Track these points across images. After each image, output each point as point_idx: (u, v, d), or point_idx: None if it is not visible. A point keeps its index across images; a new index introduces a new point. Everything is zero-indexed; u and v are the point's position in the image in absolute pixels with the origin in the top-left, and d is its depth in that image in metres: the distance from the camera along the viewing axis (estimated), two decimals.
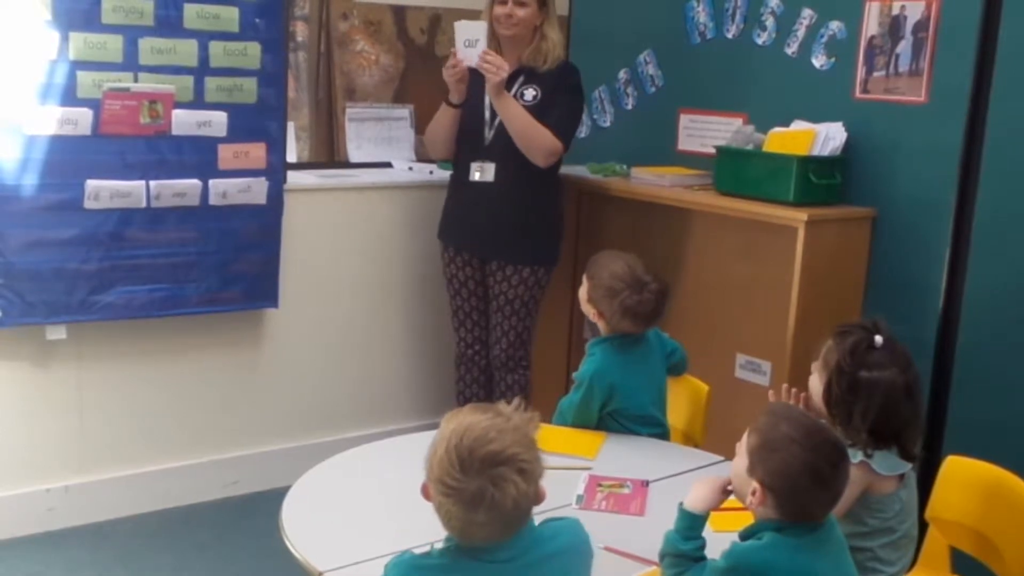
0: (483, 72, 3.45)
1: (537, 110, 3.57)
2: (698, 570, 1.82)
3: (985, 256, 3.13)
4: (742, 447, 1.85)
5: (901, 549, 2.14)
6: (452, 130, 3.75)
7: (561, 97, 3.61)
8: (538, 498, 1.71)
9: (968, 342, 3.18)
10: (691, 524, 1.89)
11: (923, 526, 2.33)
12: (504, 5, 3.59)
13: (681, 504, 1.91)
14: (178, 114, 3.50)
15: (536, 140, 3.55)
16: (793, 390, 2.42)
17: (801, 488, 1.75)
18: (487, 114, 3.65)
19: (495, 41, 3.66)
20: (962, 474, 2.38)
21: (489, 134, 3.66)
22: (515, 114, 3.53)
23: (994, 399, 3.12)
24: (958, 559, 2.40)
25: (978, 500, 2.33)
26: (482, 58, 3.44)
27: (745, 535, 1.80)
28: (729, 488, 1.89)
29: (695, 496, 1.91)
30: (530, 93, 3.62)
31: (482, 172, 3.68)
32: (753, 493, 1.78)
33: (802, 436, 1.77)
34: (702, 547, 1.87)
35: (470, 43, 3.48)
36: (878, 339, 2.16)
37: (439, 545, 1.74)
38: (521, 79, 3.64)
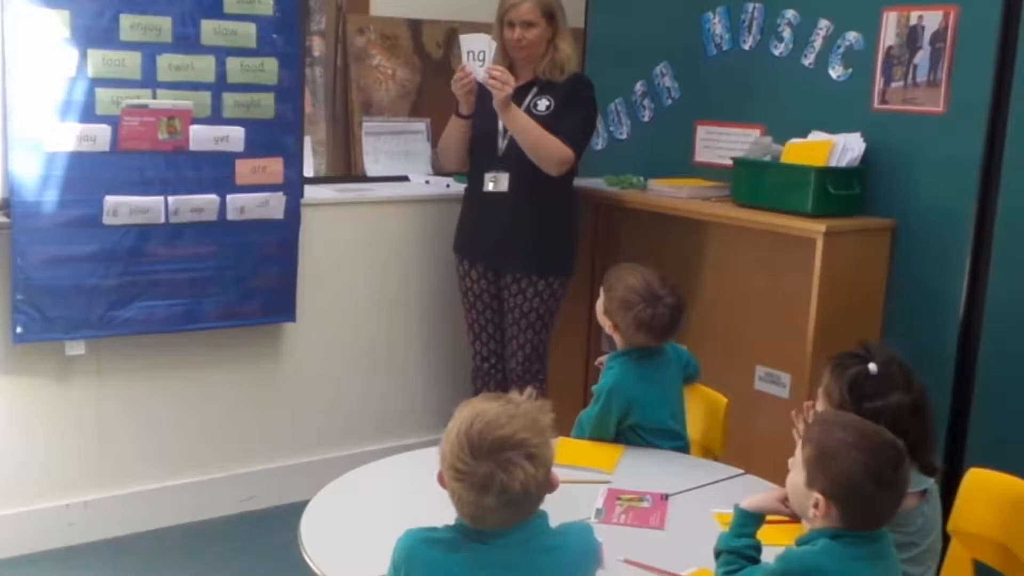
0: (489, 88, 3.46)
1: (550, 120, 3.57)
2: (751, 571, 1.82)
3: (1006, 266, 3.11)
4: (796, 462, 1.84)
5: (925, 563, 2.12)
6: (464, 141, 3.76)
7: (573, 107, 3.62)
8: (550, 485, 1.75)
9: (989, 353, 3.16)
10: (742, 522, 1.91)
11: (946, 539, 2.31)
12: (513, 29, 3.61)
13: (737, 504, 1.95)
14: (196, 130, 3.52)
15: (547, 150, 3.55)
16: (811, 403, 2.40)
17: (865, 494, 1.74)
18: (500, 124, 3.64)
19: (507, 58, 3.67)
20: (984, 487, 2.36)
21: (503, 144, 3.66)
22: (524, 126, 3.53)
23: (1016, 410, 3.09)
24: (981, 572, 2.38)
25: (1001, 513, 2.31)
26: (488, 73, 3.45)
27: (801, 541, 1.80)
28: (787, 503, 1.90)
29: (752, 497, 1.95)
30: (543, 103, 3.62)
31: (496, 182, 3.68)
32: (816, 506, 1.78)
33: (859, 440, 1.77)
34: (754, 547, 1.88)
35: (477, 56, 3.49)
36: (872, 367, 2.13)
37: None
38: (535, 90, 3.65)
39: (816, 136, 3.48)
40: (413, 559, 1.74)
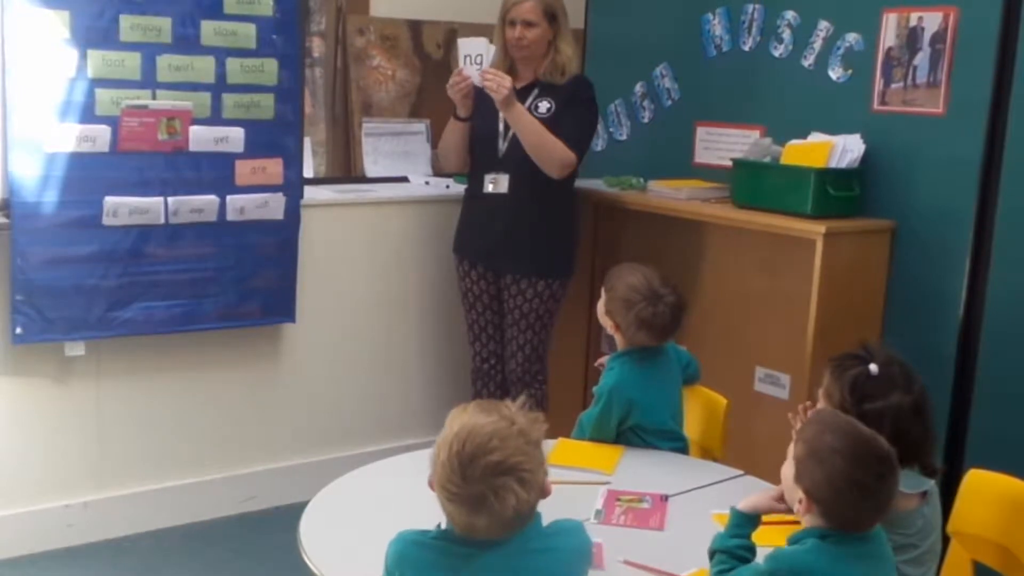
0: (486, 91, 3.46)
1: (551, 123, 3.57)
2: (741, 572, 1.82)
3: (1006, 267, 3.11)
4: (790, 454, 1.86)
5: (924, 564, 2.13)
6: (463, 143, 3.76)
7: (575, 109, 3.62)
8: (543, 495, 1.74)
9: (989, 353, 3.16)
10: (737, 522, 1.92)
11: (945, 540, 2.31)
12: (514, 28, 3.61)
13: (733, 506, 1.95)
14: (196, 130, 3.52)
15: (549, 152, 3.55)
16: (809, 403, 2.40)
17: (845, 500, 1.75)
18: (500, 126, 3.66)
19: (508, 59, 3.67)
20: (984, 488, 2.36)
21: (503, 146, 3.67)
22: (527, 126, 3.53)
23: (1016, 411, 3.09)
24: (981, 573, 2.38)
25: (1001, 514, 2.31)
26: (483, 76, 3.45)
27: (792, 541, 1.81)
28: (782, 500, 1.91)
29: (747, 498, 1.96)
30: (544, 106, 3.62)
31: (496, 184, 3.69)
32: (800, 501, 1.80)
33: (846, 447, 1.77)
34: (747, 547, 1.88)
35: (473, 60, 3.50)
36: (873, 368, 2.14)
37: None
38: (536, 92, 3.65)
39: (816, 137, 3.48)
40: (405, 561, 1.73)
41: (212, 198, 3.58)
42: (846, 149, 3.39)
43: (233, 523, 3.84)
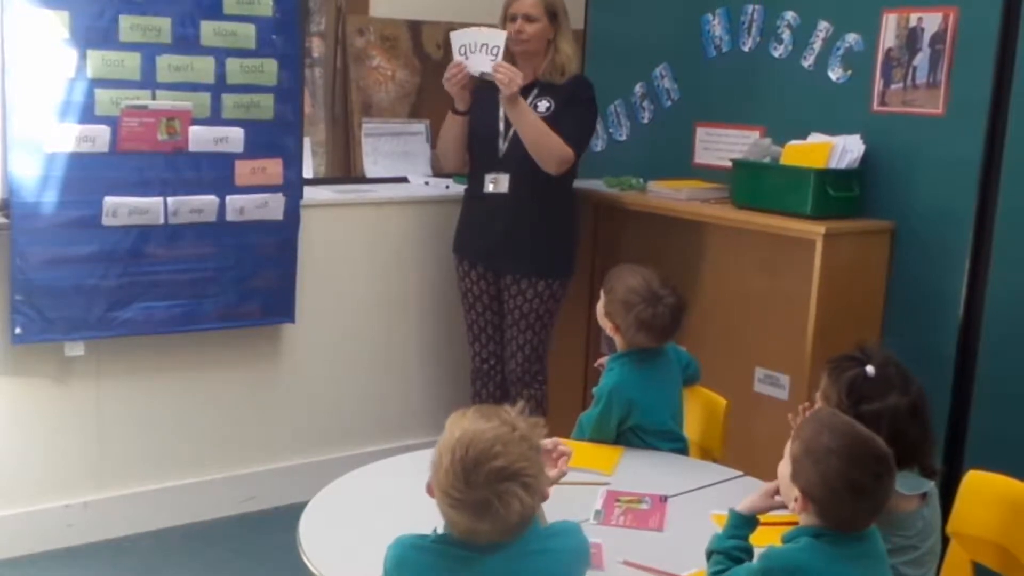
0: (496, 83, 3.46)
1: (550, 122, 3.57)
2: (735, 572, 1.83)
3: (1005, 267, 3.12)
4: (787, 453, 1.86)
5: (924, 566, 2.13)
6: (462, 139, 3.76)
7: (574, 109, 3.62)
8: (543, 499, 1.74)
9: (989, 354, 3.16)
10: (735, 523, 1.93)
11: (945, 541, 2.31)
12: (514, 23, 3.62)
13: (732, 508, 1.96)
14: (195, 131, 3.52)
15: (548, 148, 3.55)
16: (808, 404, 2.40)
17: (841, 500, 1.76)
18: (501, 125, 3.66)
19: (509, 55, 3.67)
20: (984, 489, 2.36)
21: (503, 146, 3.67)
22: (529, 122, 3.54)
23: (1016, 411, 3.09)
24: (980, 574, 2.38)
25: (1000, 515, 2.31)
26: (495, 68, 3.45)
27: (786, 539, 1.82)
28: (779, 494, 1.92)
29: (745, 500, 1.97)
30: (543, 105, 3.62)
31: (496, 184, 3.69)
32: (795, 500, 1.80)
33: (842, 448, 1.77)
34: (744, 549, 1.89)
35: (469, 50, 3.50)
36: (870, 369, 2.14)
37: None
38: (535, 91, 3.65)
39: (816, 138, 3.48)
40: (405, 565, 1.73)
41: (212, 198, 3.58)
42: (846, 150, 3.39)
43: (233, 523, 3.84)
